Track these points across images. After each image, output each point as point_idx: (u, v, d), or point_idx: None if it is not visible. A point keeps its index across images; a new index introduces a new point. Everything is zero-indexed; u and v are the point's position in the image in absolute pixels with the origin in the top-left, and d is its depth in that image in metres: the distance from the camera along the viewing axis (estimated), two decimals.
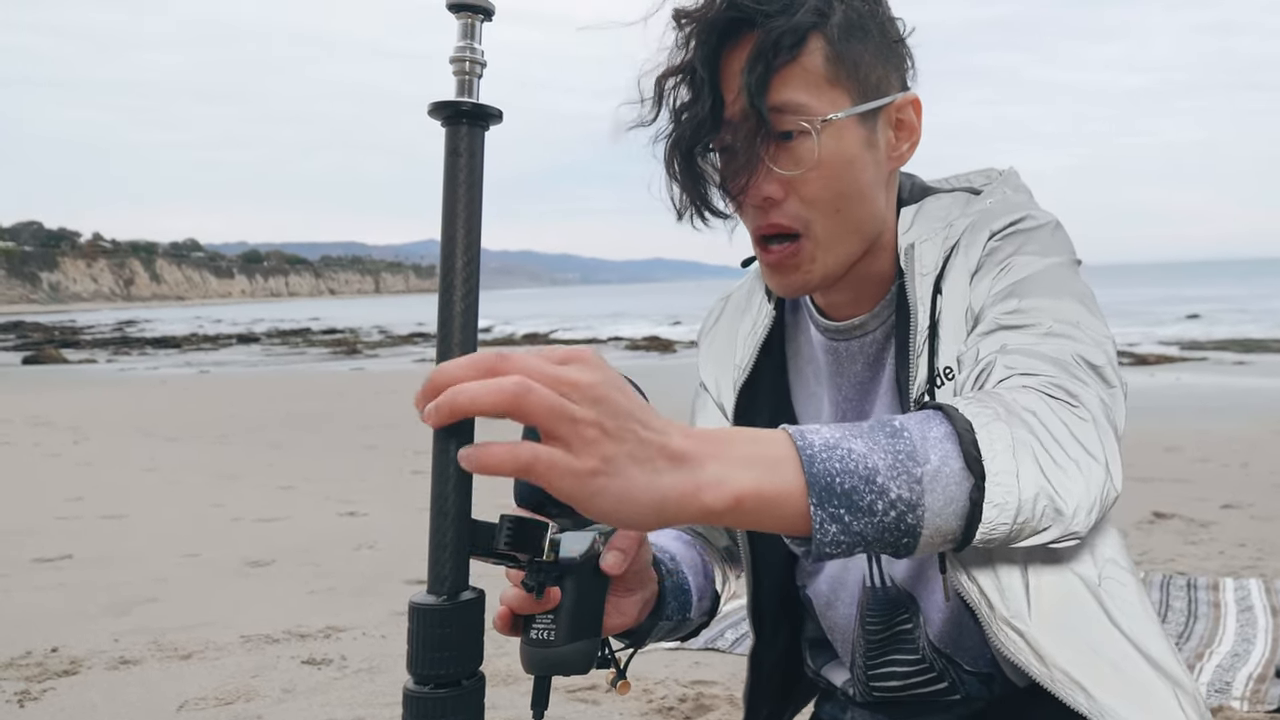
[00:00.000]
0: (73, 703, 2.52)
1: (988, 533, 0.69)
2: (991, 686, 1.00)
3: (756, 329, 1.09)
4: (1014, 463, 0.69)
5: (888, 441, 0.67)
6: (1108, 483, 0.76)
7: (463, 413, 0.57)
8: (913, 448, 0.67)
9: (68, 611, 3.31)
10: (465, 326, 0.67)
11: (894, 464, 0.66)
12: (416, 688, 0.64)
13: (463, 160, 0.68)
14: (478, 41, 0.68)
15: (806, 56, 0.88)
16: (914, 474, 0.66)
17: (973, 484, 0.68)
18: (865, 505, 0.64)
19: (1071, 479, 0.72)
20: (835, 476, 0.64)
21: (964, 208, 0.97)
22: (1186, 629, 2.88)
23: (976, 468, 0.68)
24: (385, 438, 7.62)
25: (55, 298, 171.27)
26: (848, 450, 0.65)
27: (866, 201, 0.94)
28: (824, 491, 0.63)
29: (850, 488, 0.64)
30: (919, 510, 0.66)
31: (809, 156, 0.89)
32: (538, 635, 0.77)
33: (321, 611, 3.28)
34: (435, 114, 0.69)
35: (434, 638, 0.64)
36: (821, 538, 0.64)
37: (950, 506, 0.67)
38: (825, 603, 1.08)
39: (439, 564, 0.65)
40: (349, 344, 24.90)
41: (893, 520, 0.66)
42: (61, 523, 4.75)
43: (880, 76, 0.93)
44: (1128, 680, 0.84)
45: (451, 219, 0.68)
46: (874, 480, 0.65)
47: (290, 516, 4.86)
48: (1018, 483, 0.69)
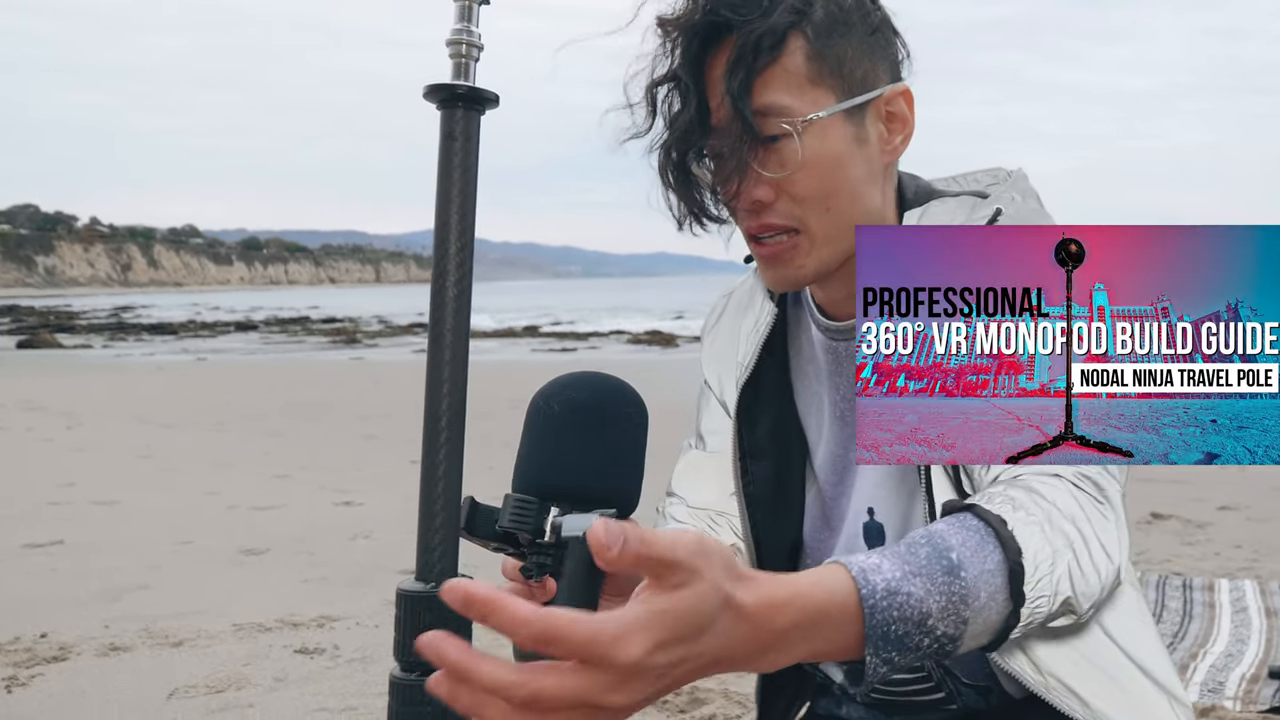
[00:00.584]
0: (62, 689, 2.51)
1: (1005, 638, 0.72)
2: (989, 699, 1.00)
3: (759, 326, 1.08)
4: (1052, 585, 0.72)
5: (944, 581, 0.69)
6: (1116, 578, 0.79)
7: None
8: (966, 590, 0.69)
9: (58, 597, 3.29)
10: (458, 312, 0.67)
11: (946, 606, 0.68)
12: (403, 675, 0.64)
13: (458, 144, 0.67)
14: (475, 25, 0.67)
15: (787, 57, 0.88)
16: (962, 615, 0.69)
17: (1010, 610, 0.70)
18: (913, 645, 0.68)
19: (1091, 584, 0.75)
20: (892, 625, 0.67)
21: (970, 213, 0.96)
22: (1181, 629, 2.88)
23: (1019, 597, 0.70)
24: (383, 428, 7.61)
25: (51, 282, 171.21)
26: (907, 595, 0.67)
27: (859, 198, 0.93)
28: (880, 640, 0.67)
29: (904, 634, 0.67)
30: (957, 642, 0.69)
31: (794, 158, 0.89)
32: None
33: (315, 600, 3.28)
34: (430, 97, 0.68)
35: (422, 624, 0.64)
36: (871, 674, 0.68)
37: (985, 629, 0.70)
38: None
39: (428, 551, 0.65)
40: (348, 333, 24.89)
41: (933, 651, 0.69)
42: (53, 508, 4.74)
43: (866, 70, 0.92)
44: (1123, 691, 0.85)
45: (446, 204, 0.67)
46: (925, 623, 0.68)
47: (286, 505, 4.86)
48: (1050, 602, 0.72)
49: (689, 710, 2.36)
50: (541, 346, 19.88)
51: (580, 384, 0.78)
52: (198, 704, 2.41)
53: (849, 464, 1.04)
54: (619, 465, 0.77)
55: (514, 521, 0.69)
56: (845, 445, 1.04)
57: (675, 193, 0.94)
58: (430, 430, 0.67)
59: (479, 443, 5.53)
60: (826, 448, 1.06)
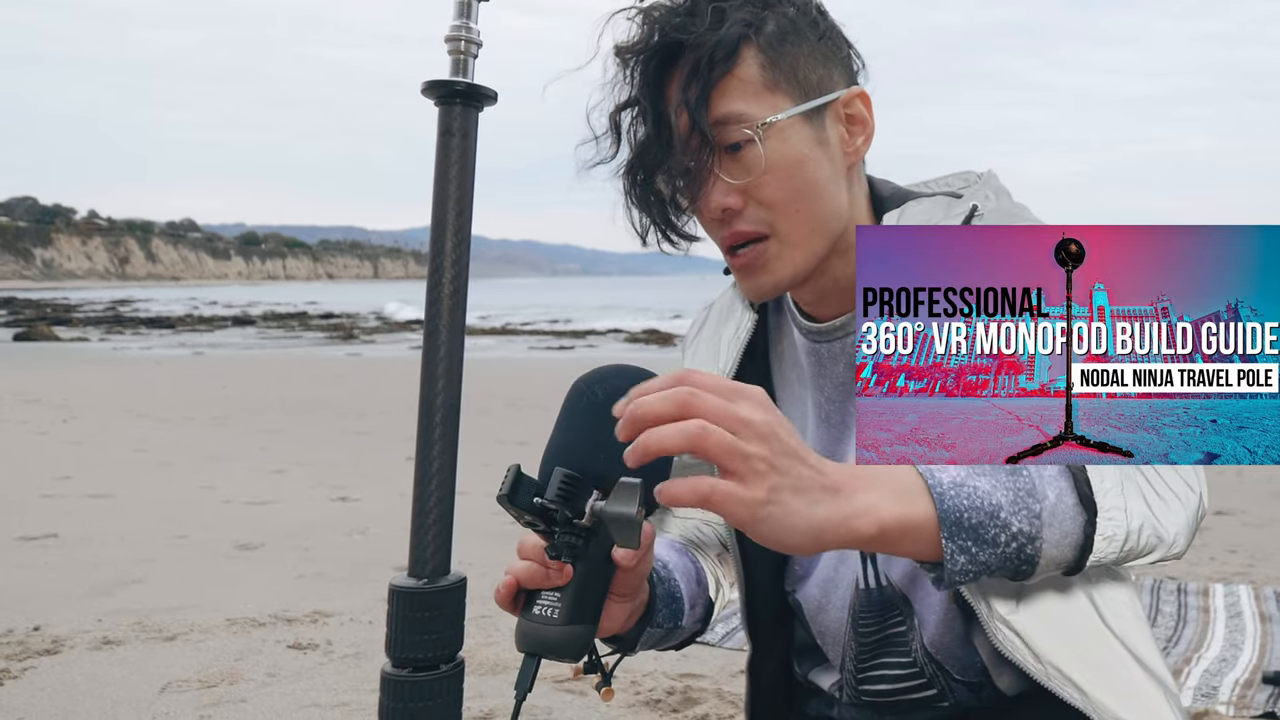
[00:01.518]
0: (53, 682, 2.50)
1: (1097, 560, 0.76)
2: (980, 695, 1.01)
3: (739, 333, 1.10)
4: (1122, 498, 0.75)
5: (1009, 479, 0.73)
6: (1201, 506, 0.82)
7: (656, 454, 0.66)
8: (1032, 485, 0.73)
9: (51, 591, 3.29)
10: (454, 308, 0.67)
11: (1015, 500, 0.72)
12: (395, 671, 0.64)
13: (455, 140, 0.67)
14: (474, 21, 0.67)
15: (741, 67, 0.91)
16: (1033, 510, 0.72)
17: (1086, 518, 0.74)
18: (990, 538, 0.71)
19: (1172, 509, 0.79)
20: (964, 512, 0.70)
21: (947, 211, 0.98)
22: (1175, 633, 2.88)
23: (1089, 504, 0.74)
24: (380, 424, 7.61)
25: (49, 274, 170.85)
26: (974, 488, 0.71)
27: (825, 198, 0.95)
28: (954, 526, 0.70)
29: (977, 523, 0.70)
30: (1038, 543, 0.72)
31: (757, 163, 0.91)
32: (541, 612, 0.76)
33: (309, 596, 3.27)
34: (429, 93, 0.68)
35: (413, 621, 0.64)
36: (952, 567, 0.71)
37: (1066, 539, 0.74)
38: (816, 607, 1.08)
39: (421, 547, 0.65)
40: (345, 329, 24.87)
41: (1014, 551, 0.72)
42: (48, 501, 4.73)
43: (821, 76, 0.94)
44: (1120, 680, 0.87)
45: (443, 200, 0.67)
46: (998, 515, 0.71)
47: (281, 500, 4.85)
48: (1126, 516, 0.75)
49: (682, 710, 2.36)
50: (539, 344, 19.87)
51: (623, 375, 0.79)
52: (190, 698, 2.41)
53: None
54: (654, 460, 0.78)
55: (560, 497, 0.71)
56: (831, 447, 1.04)
57: (643, 212, 0.97)
58: (425, 426, 0.67)
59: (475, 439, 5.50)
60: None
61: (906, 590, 1.01)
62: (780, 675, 1.16)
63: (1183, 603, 3.16)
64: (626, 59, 0.93)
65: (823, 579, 1.07)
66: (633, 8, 0.94)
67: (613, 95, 0.95)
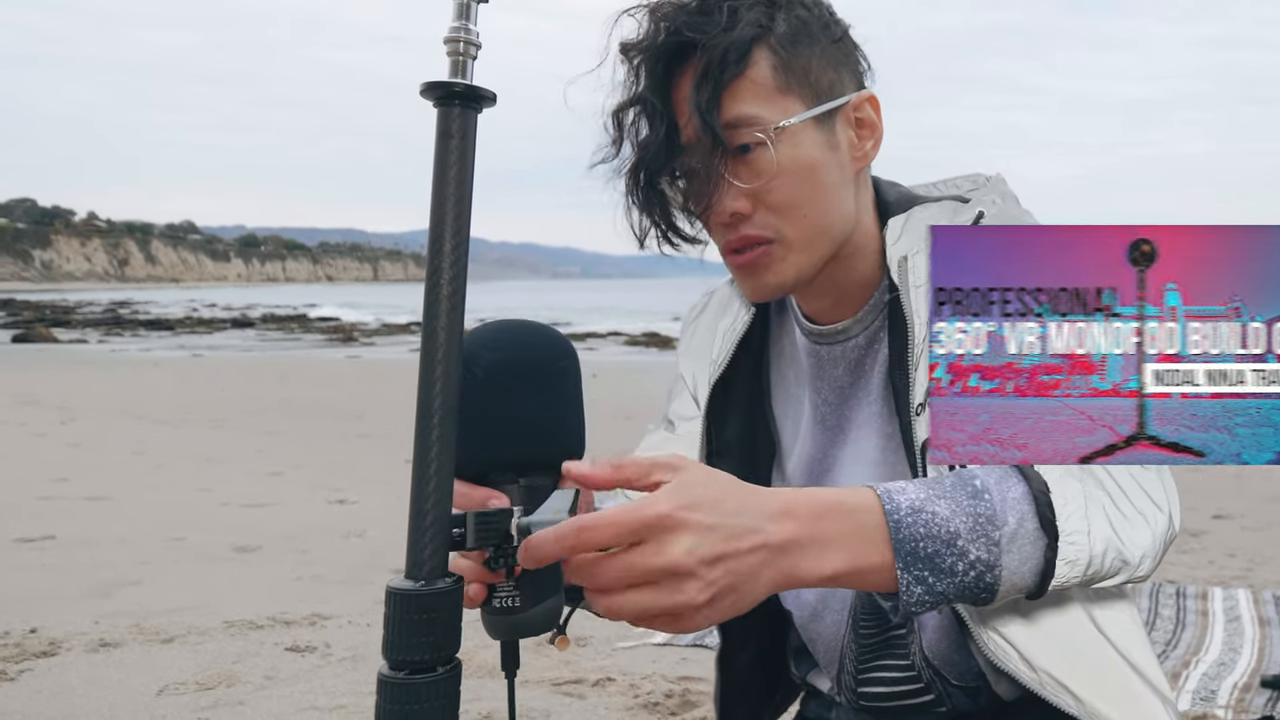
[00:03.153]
0: (50, 684, 2.50)
1: (1060, 584, 0.74)
2: (978, 700, 1.00)
3: (736, 325, 1.09)
4: (1086, 521, 0.74)
5: (969, 504, 0.71)
6: (1170, 529, 0.80)
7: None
8: (992, 511, 0.71)
9: (48, 593, 3.28)
10: (452, 311, 0.66)
11: (974, 527, 0.70)
12: (391, 673, 0.63)
13: (454, 142, 0.67)
14: (473, 22, 0.67)
15: (753, 69, 0.89)
16: (993, 537, 0.71)
17: (1047, 543, 0.72)
18: (947, 567, 0.70)
19: (1138, 530, 0.77)
20: (920, 541, 0.69)
21: (953, 216, 0.97)
22: (1174, 637, 2.88)
23: (1051, 529, 0.72)
24: (379, 426, 7.60)
25: (48, 276, 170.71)
26: (932, 514, 0.70)
27: (833, 203, 0.94)
28: (909, 557, 0.69)
29: (933, 552, 0.69)
30: (996, 570, 0.71)
31: (769, 166, 0.90)
32: (500, 604, 0.74)
33: (307, 598, 3.27)
34: (427, 95, 0.67)
35: (410, 623, 0.64)
36: (908, 599, 0.69)
37: (1026, 564, 0.72)
38: (810, 613, 1.07)
39: (418, 549, 0.65)
40: (345, 331, 24.86)
41: (972, 580, 0.71)
42: (45, 503, 4.72)
43: (832, 79, 0.93)
44: (1116, 689, 0.86)
45: (441, 202, 0.67)
46: (955, 544, 0.70)
47: (279, 503, 4.85)
48: (1089, 540, 0.74)
49: (680, 712, 2.36)
50: None
51: (502, 341, 0.75)
52: (187, 701, 2.40)
53: (828, 468, 1.04)
54: (561, 425, 0.76)
55: (482, 539, 0.68)
56: (824, 448, 1.04)
57: (645, 214, 0.95)
58: (422, 429, 0.66)
59: None
60: (803, 451, 1.06)
61: None
62: (757, 667, 1.15)
63: (1181, 606, 3.16)
64: (632, 56, 0.92)
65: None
66: (640, 5, 0.92)
67: (616, 93, 0.93)
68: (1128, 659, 0.88)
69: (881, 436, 1.00)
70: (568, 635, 0.80)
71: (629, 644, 2.83)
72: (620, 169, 0.94)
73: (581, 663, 2.67)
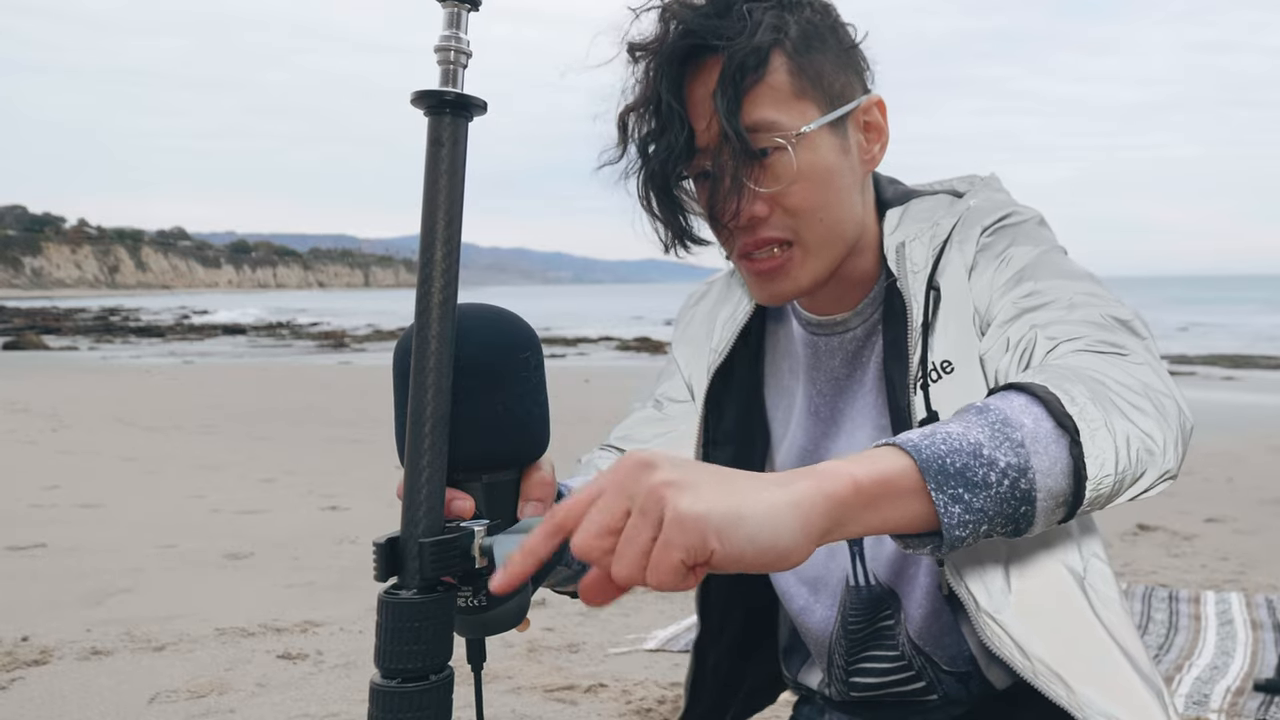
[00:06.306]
0: (41, 693, 2.48)
1: (1095, 487, 0.69)
2: (969, 686, 1.01)
3: (736, 315, 1.10)
4: (1100, 412, 0.69)
5: (978, 418, 0.67)
6: (1182, 414, 0.76)
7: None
8: (1005, 416, 0.67)
9: (40, 601, 3.26)
10: (443, 318, 0.67)
11: (993, 434, 0.66)
12: (384, 681, 0.63)
13: (445, 150, 0.67)
14: (463, 32, 0.67)
15: (772, 74, 0.89)
16: (1014, 439, 0.66)
17: (1070, 440, 0.68)
18: (980, 479, 0.64)
19: (1152, 419, 0.73)
20: (945, 457, 0.64)
21: (949, 208, 0.99)
22: (1167, 641, 2.89)
23: (1069, 424, 0.68)
24: (371, 432, 7.58)
25: (38, 283, 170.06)
26: (946, 433, 0.65)
27: (847, 206, 0.95)
28: (939, 474, 0.63)
29: (962, 465, 0.64)
30: (1029, 473, 0.66)
31: (788, 171, 0.90)
32: (466, 603, 0.74)
33: (299, 605, 3.25)
34: (418, 103, 0.68)
35: (402, 631, 0.64)
36: (949, 520, 0.63)
37: (1056, 465, 0.67)
38: (801, 605, 1.08)
39: (409, 558, 0.65)
40: (336, 337, 24.80)
41: (1008, 489, 0.65)
42: (36, 510, 4.70)
43: (843, 83, 0.94)
44: (1107, 674, 0.87)
45: (432, 210, 0.67)
46: (980, 453, 0.65)
47: (271, 509, 4.83)
48: (1109, 431, 0.69)
49: (673, 719, 2.35)
50: None
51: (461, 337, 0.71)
52: (179, 708, 2.39)
53: (819, 459, 1.04)
54: (522, 422, 0.75)
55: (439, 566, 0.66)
56: (816, 440, 1.05)
57: (660, 217, 0.95)
58: (414, 435, 0.66)
59: None
60: (793, 441, 1.07)
61: (894, 584, 1.02)
62: (730, 658, 1.15)
63: (1174, 610, 3.17)
64: (641, 57, 0.91)
65: (813, 577, 1.07)
66: (649, 4, 0.92)
67: (624, 95, 0.92)
68: (1121, 645, 0.89)
69: (875, 429, 1.01)
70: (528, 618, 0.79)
71: (621, 650, 2.82)
72: (629, 170, 0.94)
73: (574, 669, 2.66)
